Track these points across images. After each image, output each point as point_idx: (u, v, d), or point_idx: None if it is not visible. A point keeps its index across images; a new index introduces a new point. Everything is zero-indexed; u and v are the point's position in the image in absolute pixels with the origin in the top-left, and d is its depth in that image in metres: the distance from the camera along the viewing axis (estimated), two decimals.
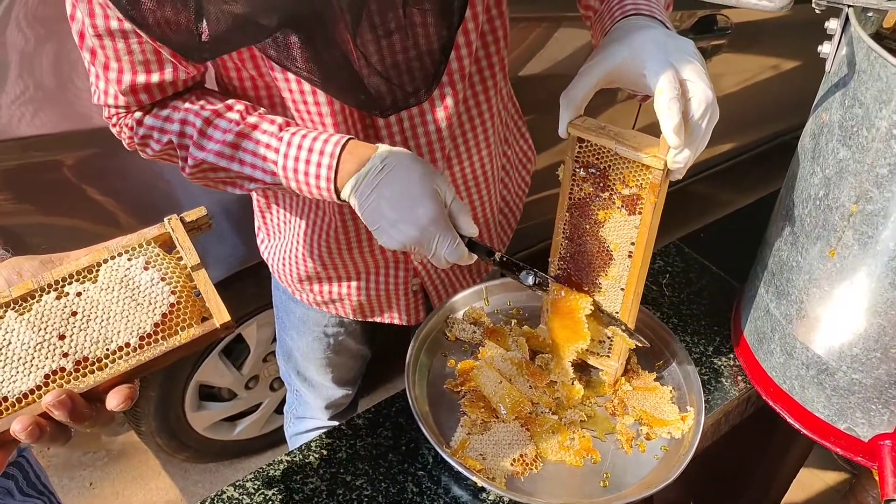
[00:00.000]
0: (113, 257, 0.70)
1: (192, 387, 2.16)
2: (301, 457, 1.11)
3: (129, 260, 0.70)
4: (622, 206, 0.98)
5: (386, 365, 2.13)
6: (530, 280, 1.04)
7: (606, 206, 1.00)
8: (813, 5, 0.88)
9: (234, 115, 1.05)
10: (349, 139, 1.00)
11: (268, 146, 1.03)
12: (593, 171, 0.98)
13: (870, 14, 0.92)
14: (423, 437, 1.11)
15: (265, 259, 1.46)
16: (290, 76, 1.02)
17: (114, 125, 1.11)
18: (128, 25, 0.95)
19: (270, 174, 1.04)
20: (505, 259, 1.03)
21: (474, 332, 1.21)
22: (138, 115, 1.07)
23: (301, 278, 1.39)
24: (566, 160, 1.00)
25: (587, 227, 1.03)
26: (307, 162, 1.00)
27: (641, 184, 0.95)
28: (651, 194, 0.94)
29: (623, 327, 1.08)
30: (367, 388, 2.38)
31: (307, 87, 1.03)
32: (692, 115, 0.86)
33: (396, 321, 1.46)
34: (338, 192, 1.00)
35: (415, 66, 0.87)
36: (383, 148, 0.99)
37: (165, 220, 0.73)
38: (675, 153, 0.87)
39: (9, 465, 0.96)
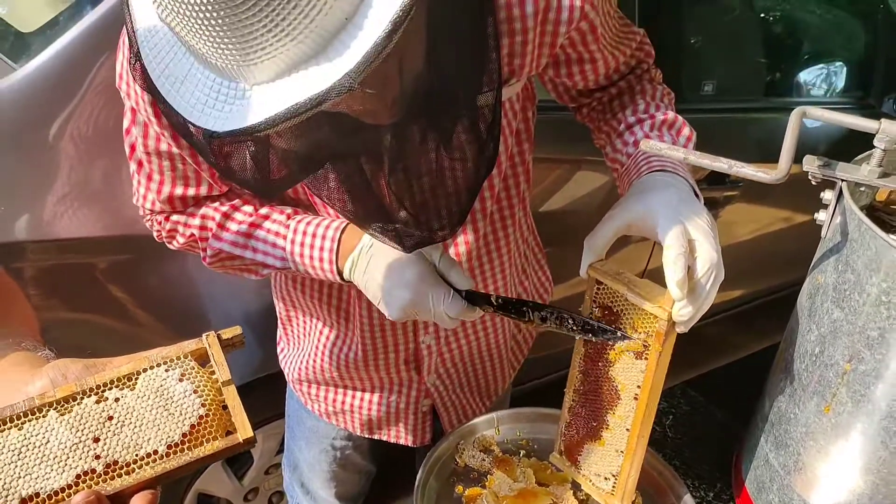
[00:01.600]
0: (152, 367, 0.75)
1: (191, 495, 2.15)
2: None
3: (166, 371, 0.75)
4: (630, 349, 1.03)
5: (389, 484, 2.12)
6: (532, 317, 1.03)
7: (617, 348, 1.04)
8: (809, 177, 0.96)
9: (249, 209, 1.15)
10: (348, 223, 1.08)
11: (277, 234, 1.12)
12: (608, 313, 1.03)
13: (862, 188, 0.99)
14: None
15: (282, 367, 1.51)
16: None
17: (147, 220, 1.22)
18: (175, 151, 1.06)
19: (280, 259, 1.12)
20: (502, 301, 1.04)
21: (483, 459, 1.24)
22: (167, 213, 1.19)
23: (318, 382, 1.43)
24: (586, 298, 1.05)
25: (600, 364, 1.07)
26: (311, 247, 1.08)
27: (648, 331, 0.99)
28: (657, 343, 0.98)
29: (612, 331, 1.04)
30: None
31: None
32: (697, 272, 0.92)
33: (402, 441, 1.49)
34: (340, 273, 1.07)
35: (442, 208, 0.94)
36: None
37: (203, 336, 0.78)
38: (679, 306, 0.93)
39: None
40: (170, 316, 1.86)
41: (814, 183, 0.96)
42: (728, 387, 1.58)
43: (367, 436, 1.50)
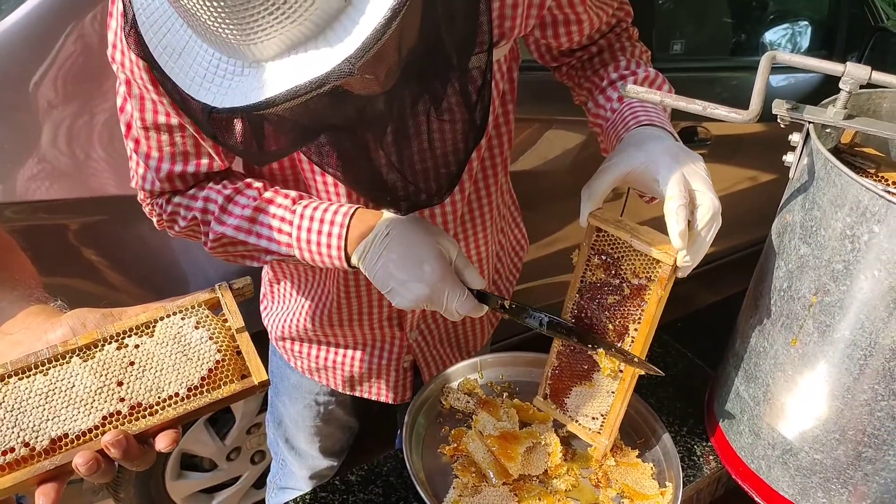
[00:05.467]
0: (168, 315, 0.78)
1: (174, 454, 2.19)
2: None
3: (182, 319, 0.78)
4: (630, 293, 1.07)
5: (371, 441, 2.17)
6: (537, 323, 1.09)
7: (616, 292, 1.09)
8: (778, 120, 1.01)
9: (253, 192, 1.14)
10: (357, 208, 1.09)
11: (282, 219, 1.11)
12: (607, 259, 1.07)
13: (828, 130, 1.05)
14: (412, 496, 1.18)
15: (265, 324, 1.54)
16: (317, 168, 1.13)
17: (147, 204, 1.20)
18: (174, 120, 1.06)
19: (285, 245, 1.12)
20: (514, 306, 1.09)
21: (468, 401, 1.29)
22: (168, 194, 1.17)
23: (301, 339, 1.46)
24: (582, 246, 1.09)
25: (595, 308, 1.12)
26: (319, 232, 1.08)
27: (650, 276, 1.04)
28: (658, 287, 1.03)
29: (636, 360, 1.11)
30: (351, 464, 2.41)
31: (330, 179, 1.14)
32: (698, 222, 0.96)
33: (383, 398, 1.53)
34: (348, 259, 1.08)
35: (438, 171, 0.97)
36: (388, 214, 1.07)
37: (216, 286, 0.82)
38: (682, 255, 0.97)
39: None
40: (147, 279, 1.87)
41: (782, 126, 1.01)
42: (698, 331, 1.65)
43: (348, 392, 1.54)
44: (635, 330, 1.09)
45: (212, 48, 0.74)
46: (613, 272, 1.07)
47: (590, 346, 1.12)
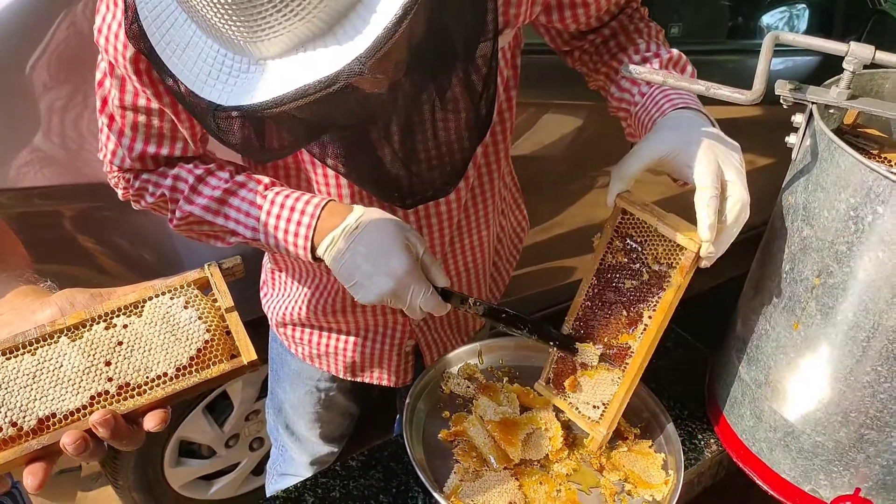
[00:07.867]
0: (157, 295, 0.77)
1: (173, 442, 2.18)
2: (297, 494, 1.17)
3: (171, 299, 0.77)
4: (649, 279, 1.06)
5: (371, 427, 2.17)
6: (496, 318, 1.11)
7: (634, 277, 1.07)
8: (781, 101, 1.00)
9: (224, 174, 1.13)
10: (329, 201, 1.07)
11: (252, 203, 1.10)
12: (630, 242, 1.06)
13: (832, 111, 1.03)
14: (413, 481, 1.17)
15: (265, 311, 1.52)
16: (318, 161, 1.12)
17: (113, 176, 1.20)
18: (154, 105, 1.04)
19: (251, 230, 1.11)
20: (479, 304, 1.09)
21: (468, 386, 1.28)
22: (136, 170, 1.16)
23: (302, 325, 1.45)
24: (606, 228, 1.07)
25: (611, 292, 1.11)
26: (288, 220, 1.07)
27: (672, 263, 1.02)
28: (679, 274, 1.01)
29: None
30: (351, 450, 2.41)
31: (332, 171, 1.13)
32: (726, 214, 0.95)
33: (384, 382, 1.52)
34: (314, 250, 1.07)
35: (441, 166, 0.96)
36: (358, 208, 1.06)
37: (205, 265, 0.81)
38: (707, 245, 0.96)
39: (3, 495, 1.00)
40: (141, 265, 1.86)
41: (785, 107, 0.99)
42: (696, 314, 1.64)
43: (349, 378, 1.53)
44: (649, 318, 1.07)
45: (216, 44, 0.73)
46: (635, 256, 1.06)
47: (550, 343, 1.16)
